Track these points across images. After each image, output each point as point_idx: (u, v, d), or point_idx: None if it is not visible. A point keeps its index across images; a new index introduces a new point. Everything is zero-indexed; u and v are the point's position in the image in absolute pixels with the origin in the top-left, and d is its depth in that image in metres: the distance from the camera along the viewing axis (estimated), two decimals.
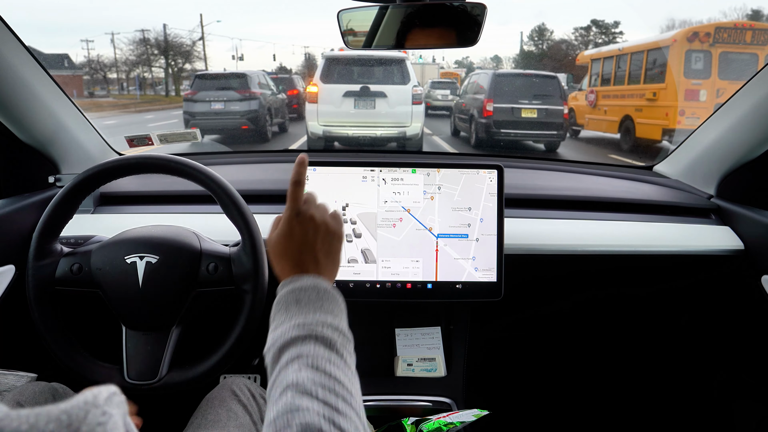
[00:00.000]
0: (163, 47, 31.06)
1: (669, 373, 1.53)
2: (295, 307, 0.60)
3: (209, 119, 8.18)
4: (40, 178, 1.19)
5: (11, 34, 0.96)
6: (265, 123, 8.65)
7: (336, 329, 0.59)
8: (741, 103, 1.16)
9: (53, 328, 0.86)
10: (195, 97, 8.28)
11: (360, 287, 1.07)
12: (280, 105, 9.79)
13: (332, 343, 0.57)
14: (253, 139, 8.40)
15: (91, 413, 0.24)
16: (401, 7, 0.97)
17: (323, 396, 0.50)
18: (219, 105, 8.10)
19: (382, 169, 1.08)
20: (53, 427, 0.23)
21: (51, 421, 0.23)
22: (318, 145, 7.22)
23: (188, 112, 8.29)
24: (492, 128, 7.72)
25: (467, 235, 1.08)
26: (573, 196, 1.31)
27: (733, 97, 1.18)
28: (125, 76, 31.91)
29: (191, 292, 0.87)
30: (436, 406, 1.14)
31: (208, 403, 0.96)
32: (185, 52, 32.12)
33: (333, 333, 0.58)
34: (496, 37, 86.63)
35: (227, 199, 0.87)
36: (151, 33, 30.79)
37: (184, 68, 32.70)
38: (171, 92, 31.73)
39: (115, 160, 0.88)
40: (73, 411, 0.24)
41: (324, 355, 0.55)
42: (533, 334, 1.56)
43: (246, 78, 8.60)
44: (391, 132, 7.15)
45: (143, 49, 31.54)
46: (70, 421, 0.24)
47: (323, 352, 0.55)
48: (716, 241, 1.20)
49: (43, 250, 0.86)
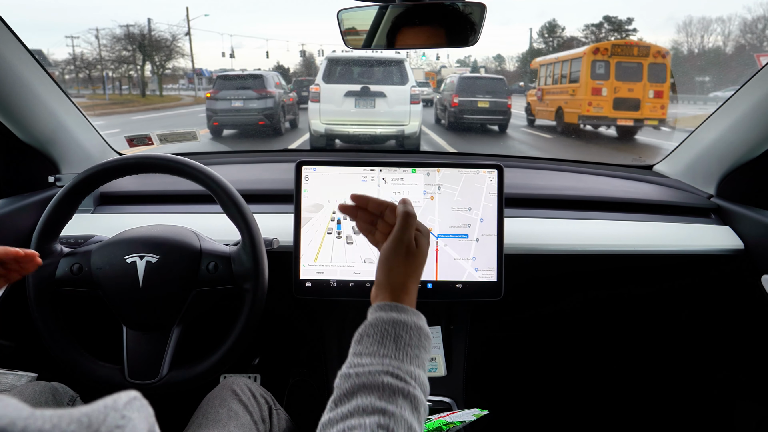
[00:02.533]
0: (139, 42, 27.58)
1: (669, 372, 1.53)
2: (393, 345, 0.56)
3: (230, 116, 9.02)
4: (40, 178, 1.19)
5: (11, 34, 0.96)
6: (280, 119, 9.51)
7: (424, 387, 0.55)
8: (741, 103, 1.16)
9: (53, 328, 0.86)
10: (217, 95, 9.09)
11: (360, 287, 1.07)
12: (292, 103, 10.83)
13: (417, 404, 0.52)
14: (268, 133, 9.26)
15: (111, 416, 0.26)
16: (401, 7, 0.97)
17: None
18: (239, 103, 8.95)
19: (382, 168, 1.08)
20: (75, 427, 0.24)
21: (72, 422, 0.24)
22: (320, 143, 7.48)
23: (210, 110, 9.14)
24: (458, 114, 10.71)
25: (467, 236, 1.08)
26: (573, 195, 1.31)
27: (732, 96, 1.18)
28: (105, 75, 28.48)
29: (191, 291, 0.87)
30: (436, 406, 1.14)
31: (208, 402, 0.96)
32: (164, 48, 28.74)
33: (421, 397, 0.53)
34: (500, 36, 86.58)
35: (227, 198, 0.87)
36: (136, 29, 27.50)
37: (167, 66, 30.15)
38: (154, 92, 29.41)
39: (114, 160, 0.88)
40: (94, 414, 0.25)
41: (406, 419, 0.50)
42: (533, 333, 1.56)
43: (263, 78, 9.42)
44: (390, 130, 7.43)
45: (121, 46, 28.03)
46: (90, 422, 0.25)
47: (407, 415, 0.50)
48: (716, 240, 1.20)
49: (43, 250, 0.86)
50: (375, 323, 0.59)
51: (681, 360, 1.50)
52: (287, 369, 1.48)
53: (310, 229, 1.07)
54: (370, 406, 0.49)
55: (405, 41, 1.02)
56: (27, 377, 0.96)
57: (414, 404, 0.51)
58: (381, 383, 0.51)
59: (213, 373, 0.87)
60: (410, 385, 0.52)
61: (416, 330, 0.59)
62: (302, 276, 1.07)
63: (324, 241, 1.07)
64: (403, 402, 0.50)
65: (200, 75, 44.78)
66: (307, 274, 1.07)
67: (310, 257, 1.07)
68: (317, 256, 1.07)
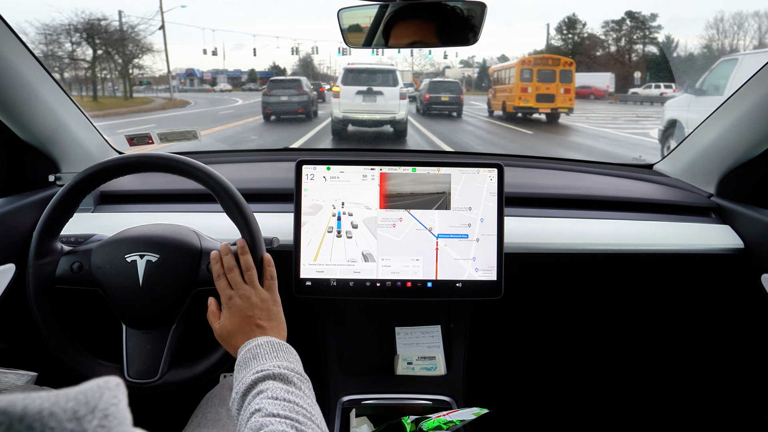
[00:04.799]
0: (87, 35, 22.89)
1: (668, 371, 1.53)
2: (254, 361, 0.68)
3: (278, 106, 13.94)
4: (40, 177, 1.19)
5: (11, 33, 0.96)
6: (311, 109, 14.64)
7: (292, 371, 0.66)
8: (740, 103, 1.16)
9: (53, 327, 0.86)
10: (270, 93, 14.06)
11: (360, 286, 1.08)
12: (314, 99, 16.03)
13: (289, 378, 0.64)
14: (302, 119, 14.18)
15: (106, 394, 0.27)
16: (401, 6, 0.97)
17: (285, 413, 0.57)
18: (285, 98, 13.89)
19: (382, 167, 1.08)
20: (73, 404, 0.25)
21: (70, 399, 0.25)
22: (339, 125, 11.28)
23: (265, 102, 14.00)
24: (429, 105, 16.31)
25: (467, 236, 1.08)
26: (573, 194, 1.31)
27: (732, 96, 1.18)
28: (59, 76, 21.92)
29: (191, 290, 0.87)
30: (436, 405, 1.14)
31: (208, 401, 0.96)
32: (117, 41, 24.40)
33: (289, 373, 0.65)
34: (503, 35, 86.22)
35: (227, 197, 0.87)
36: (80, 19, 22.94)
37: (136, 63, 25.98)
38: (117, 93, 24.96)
39: (115, 159, 0.88)
40: (90, 392, 0.27)
41: (282, 387, 0.62)
42: (533, 332, 1.56)
43: (300, 81, 14.58)
44: (386, 117, 11.21)
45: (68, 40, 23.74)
46: (87, 400, 0.26)
47: (281, 386, 0.62)
48: (716, 239, 1.20)
49: (44, 248, 0.86)
50: (237, 363, 0.72)
51: (680, 358, 1.50)
52: None
53: (310, 229, 1.07)
54: (250, 398, 0.62)
55: (404, 40, 1.02)
56: (27, 376, 0.96)
57: (283, 379, 0.64)
58: (252, 382, 0.63)
59: (213, 373, 0.87)
60: (273, 370, 0.65)
61: (267, 344, 0.71)
62: (302, 275, 1.07)
63: (324, 240, 1.07)
64: (273, 381, 0.63)
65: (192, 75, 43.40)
66: (307, 273, 1.07)
67: (310, 256, 1.07)
68: (317, 255, 1.07)
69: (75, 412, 0.25)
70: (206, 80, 47.28)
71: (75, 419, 0.25)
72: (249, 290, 0.79)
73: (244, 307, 0.77)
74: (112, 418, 0.26)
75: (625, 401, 1.56)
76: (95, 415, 0.25)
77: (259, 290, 0.80)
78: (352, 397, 1.15)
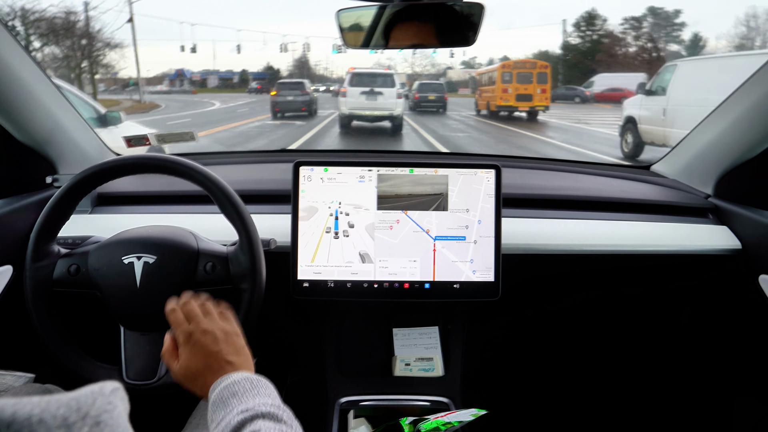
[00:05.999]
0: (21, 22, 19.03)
1: (666, 371, 1.54)
2: (234, 399, 0.63)
3: (285, 105, 16.27)
4: (37, 179, 1.18)
5: (8, 34, 0.96)
6: (313, 108, 17.19)
7: (278, 407, 0.62)
8: (738, 103, 1.16)
9: (51, 329, 0.86)
10: (278, 93, 16.48)
11: (357, 287, 1.08)
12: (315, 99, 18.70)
13: (279, 417, 0.60)
14: (305, 115, 16.41)
15: (99, 401, 0.27)
16: (399, 6, 0.97)
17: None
18: (291, 97, 16.34)
19: (379, 168, 1.08)
20: (64, 411, 0.25)
21: (62, 406, 0.25)
22: (345, 120, 13.27)
23: (274, 101, 16.40)
24: (418, 103, 18.71)
25: (465, 237, 1.08)
26: (570, 195, 1.31)
27: (730, 97, 1.18)
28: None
29: (189, 291, 0.87)
30: (433, 406, 1.14)
31: (207, 403, 0.95)
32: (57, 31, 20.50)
33: (277, 410, 0.61)
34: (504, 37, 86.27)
35: (224, 198, 0.87)
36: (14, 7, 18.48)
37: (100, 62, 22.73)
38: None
39: (112, 161, 0.88)
40: (82, 398, 0.26)
41: (275, 426, 0.58)
42: (531, 333, 1.56)
43: (303, 84, 17.29)
44: (385, 113, 13.12)
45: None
46: (80, 406, 0.26)
47: (273, 425, 0.59)
48: (714, 240, 1.20)
49: (41, 251, 0.86)
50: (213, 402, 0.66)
51: (679, 359, 1.50)
52: (285, 369, 1.48)
53: (308, 230, 1.07)
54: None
55: (403, 41, 1.02)
56: (25, 378, 0.96)
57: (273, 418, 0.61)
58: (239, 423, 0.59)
59: None
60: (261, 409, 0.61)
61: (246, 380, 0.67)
62: (300, 276, 1.07)
63: (321, 241, 1.07)
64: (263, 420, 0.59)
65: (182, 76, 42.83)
66: (304, 274, 1.07)
67: (307, 257, 1.07)
68: (314, 257, 1.07)
69: (65, 419, 0.25)
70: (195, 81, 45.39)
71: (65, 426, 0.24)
72: (208, 323, 0.73)
73: (208, 343, 0.71)
74: (104, 426, 0.26)
75: (623, 402, 1.56)
76: (86, 422, 0.25)
77: (218, 322, 0.75)
78: (350, 398, 1.15)
